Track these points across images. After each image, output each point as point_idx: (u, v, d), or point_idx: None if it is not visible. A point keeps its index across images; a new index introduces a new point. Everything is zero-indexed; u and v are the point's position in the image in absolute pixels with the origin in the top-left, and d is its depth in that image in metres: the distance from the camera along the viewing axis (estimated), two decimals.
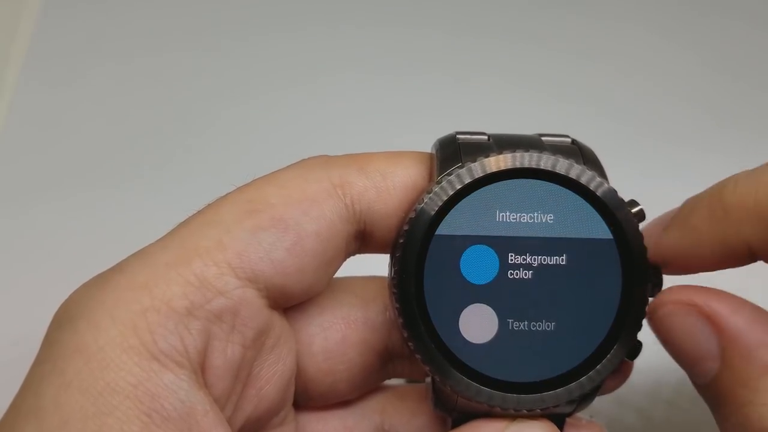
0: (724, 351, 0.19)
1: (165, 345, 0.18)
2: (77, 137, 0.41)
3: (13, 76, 0.42)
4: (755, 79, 0.43)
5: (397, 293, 0.20)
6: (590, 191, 0.20)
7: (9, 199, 0.38)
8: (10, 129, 0.40)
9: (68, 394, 0.17)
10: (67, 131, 0.41)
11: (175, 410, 0.18)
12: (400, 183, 0.21)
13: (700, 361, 0.19)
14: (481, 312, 0.20)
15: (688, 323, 0.19)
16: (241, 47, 0.43)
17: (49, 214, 0.38)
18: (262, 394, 0.21)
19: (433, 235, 0.20)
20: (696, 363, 0.19)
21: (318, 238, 0.20)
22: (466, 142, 0.21)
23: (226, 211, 0.20)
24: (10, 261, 0.37)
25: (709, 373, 0.19)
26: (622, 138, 0.40)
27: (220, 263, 0.19)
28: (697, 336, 0.19)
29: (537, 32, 0.44)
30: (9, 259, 0.37)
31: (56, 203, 0.38)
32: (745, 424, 0.18)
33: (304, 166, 0.21)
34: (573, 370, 0.20)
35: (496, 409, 0.20)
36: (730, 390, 0.19)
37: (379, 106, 0.42)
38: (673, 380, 0.33)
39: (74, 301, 0.19)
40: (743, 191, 0.19)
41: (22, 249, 0.37)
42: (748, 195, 0.19)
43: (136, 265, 0.19)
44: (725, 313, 0.19)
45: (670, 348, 0.20)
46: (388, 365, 0.23)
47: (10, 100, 0.41)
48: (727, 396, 0.19)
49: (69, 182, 0.39)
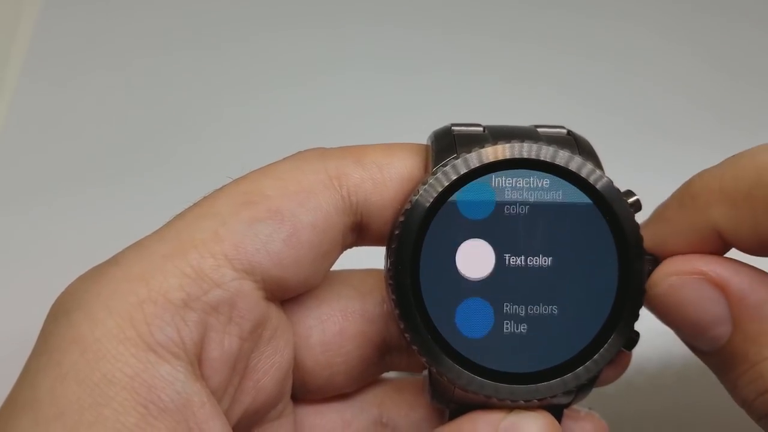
0: (733, 312, 0.19)
1: (161, 336, 0.18)
2: (77, 137, 0.41)
3: (13, 76, 0.42)
4: (756, 77, 0.43)
5: (393, 285, 0.20)
6: (587, 182, 0.20)
7: (9, 198, 0.39)
8: (10, 129, 0.41)
9: (64, 386, 0.17)
10: (67, 131, 0.41)
11: (171, 401, 0.18)
12: (396, 174, 0.21)
13: (713, 328, 0.19)
14: (477, 304, 0.20)
15: (697, 292, 0.19)
16: (240, 46, 0.43)
17: (49, 213, 0.38)
18: (260, 386, 0.21)
19: (428, 226, 0.20)
20: (708, 330, 0.19)
21: (314, 229, 0.20)
22: (461, 133, 0.21)
23: (223, 203, 0.20)
24: (10, 259, 0.37)
25: (722, 338, 0.19)
26: (622, 135, 0.40)
27: (217, 255, 0.19)
28: (707, 303, 0.19)
29: (537, 30, 0.44)
30: (8, 256, 0.37)
31: (56, 202, 0.38)
32: (758, 380, 0.19)
33: (301, 158, 0.21)
34: (569, 361, 0.20)
35: (492, 399, 0.20)
36: (742, 350, 0.19)
37: (378, 104, 0.42)
38: None
39: (70, 293, 0.19)
40: (708, 178, 0.19)
41: (21, 247, 0.37)
42: (713, 180, 0.19)
43: (132, 258, 0.19)
44: (728, 275, 0.19)
45: (679, 320, 0.20)
46: (386, 357, 0.23)
47: (10, 100, 0.41)
48: (738, 356, 0.19)
49: (69, 181, 0.39)
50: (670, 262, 0.20)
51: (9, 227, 0.38)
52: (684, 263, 0.20)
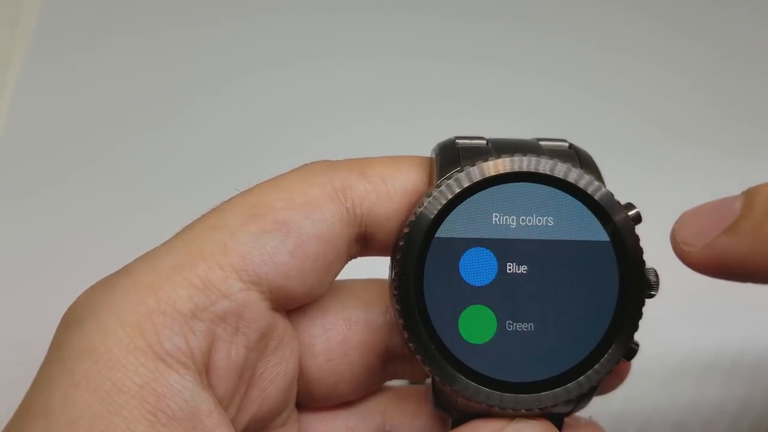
0: None
1: (170, 346, 0.19)
2: (77, 137, 0.40)
3: (14, 75, 0.42)
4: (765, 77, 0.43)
5: (397, 295, 0.21)
6: (587, 194, 0.21)
7: (10, 198, 0.38)
8: (10, 129, 0.40)
9: (76, 394, 0.18)
10: (67, 131, 0.41)
11: (180, 410, 0.18)
12: (400, 187, 0.21)
13: None
14: (480, 313, 0.21)
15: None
16: (240, 46, 0.43)
17: (49, 213, 0.38)
18: (266, 394, 0.21)
19: (432, 238, 0.21)
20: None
21: (320, 241, 0.21)
22: (465, 146, 0.22)
23: (230, 215, 0.20)
24: (14, 263, 0.37)
25: None
26: (628, 133, 0.40)
27: (225, 266, 0.20)
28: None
29: (542, 25, 0.44)
30: (13, 260, 0.37)
31: (57, 202, 0.38)
32: None
33: (306, 171, 0.22)
34: (571, 371, 0.21)
35: (495, 408, 0.21)
36: None
37: (380, 96, 0.42)
38: None
39: (81, 303, 0.20)
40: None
41: (26, 250, 0.37)
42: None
43: (142, 268, 0.20)
44: None
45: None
46: (389, 366, 0.24)
47: (10, 100, 0.41)
48: None
49: (71, 182, 0.39)
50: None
51: (11, 227, 0.38)
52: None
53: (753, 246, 0.17)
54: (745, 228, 0.17)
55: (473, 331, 0.21)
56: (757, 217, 0.17)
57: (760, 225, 0.17)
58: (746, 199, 0.18)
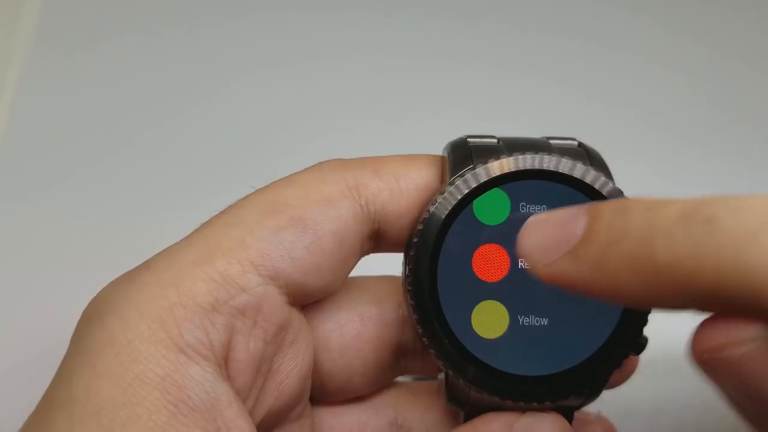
0: None
1: (191, 338, 0.19)
2: (78, 137, 0.40)
3: (15, 76, 0.42)
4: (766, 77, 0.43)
5: (411, 290, 0.21)
6: (597, 191, 0.21)
7: (10, 198, 0.39)
8: (11, 129, 0.40)
9: (99, 386, 0.18)
10: (69, 131, 0.40)
11: (200, 401, 0.19)
12: (413, 185, 0.22)
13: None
14: (493, 308, 0.21)
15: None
16: (241, 45, 0.43)
17: (49, 213, 0.38)
18: (282, 387, 0.21)
19: (446, 235, 0.21)
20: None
21: (335, 237, 0.21)
22: (477, 144, 0.22)
23: (248, 212, 0.21)
24: (15, 263, 0.37)
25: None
26: (628, 134, 0.41)
27: (243, 261, 0.20)
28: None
29: (548, 27, 0.44)
30: (13, 260, 0.37)
31: (57, 202, 0.38)
32: None
33: (321, 169, 0.22)
34: (581, 364, 0.21)
35: (507, 402, 0.21)
36: None
37: (386, 96, 0.42)
38: None
39: (103, 297, 0.20)
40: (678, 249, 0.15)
41: (26, 250, 0.37)
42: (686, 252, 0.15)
43: (163, 263, 0.20)
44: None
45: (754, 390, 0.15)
46: (401, 361, 0.24)
47: (11, 100, 0.41)
48: None
49: (71, 183, 0.39)
50: (728, 326, 0.15)
51: (15, 227, 0.38)
52: (747, 330, 0.15)
53: (593, 276, 0.16)
54: (585, 256, 0.16)
55: (486, 325, 0.21)
56: (596, 247, 0.16)
57: (601, 256, 0.16)
58: (588, 221, 0.16)
